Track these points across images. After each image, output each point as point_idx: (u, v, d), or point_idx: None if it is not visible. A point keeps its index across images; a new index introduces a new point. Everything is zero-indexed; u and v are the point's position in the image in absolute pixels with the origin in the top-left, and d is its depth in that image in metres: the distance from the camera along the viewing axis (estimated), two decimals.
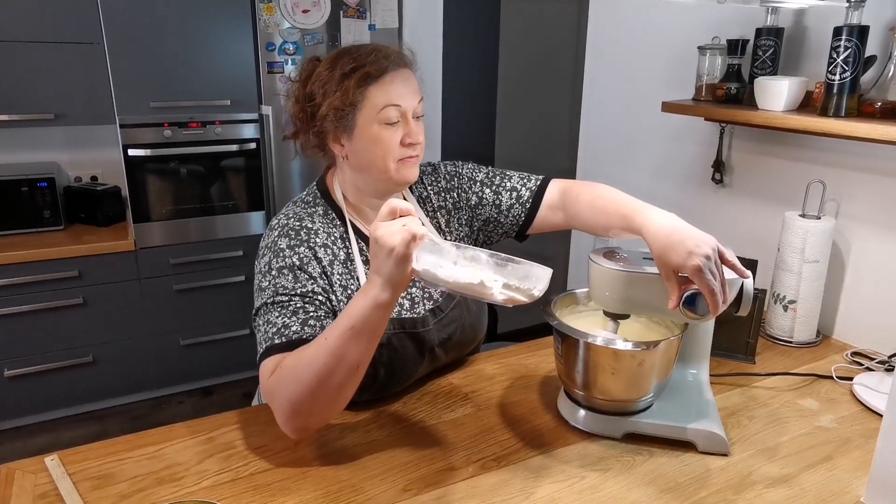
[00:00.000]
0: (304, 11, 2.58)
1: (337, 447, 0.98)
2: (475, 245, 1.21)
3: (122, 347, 2.54)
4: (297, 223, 1.05)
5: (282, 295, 0.97)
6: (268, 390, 0.91)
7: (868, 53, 1.24)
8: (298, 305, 0.97)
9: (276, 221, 1.07)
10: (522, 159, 3.26)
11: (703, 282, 0.91)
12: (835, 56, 1.22)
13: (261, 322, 0.98)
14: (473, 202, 1.21)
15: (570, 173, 2.18)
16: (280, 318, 0.96)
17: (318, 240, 1.04)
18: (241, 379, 2.84)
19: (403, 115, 1.01)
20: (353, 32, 2.71)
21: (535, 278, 0.85)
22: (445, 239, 1.20)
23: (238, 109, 2.57)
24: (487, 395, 1.15)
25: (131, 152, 2.42)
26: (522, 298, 0.84)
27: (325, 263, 1.03)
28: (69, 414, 2.56)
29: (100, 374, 2.52)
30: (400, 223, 0.80)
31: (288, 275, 0.99)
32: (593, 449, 1.00)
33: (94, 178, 2.71)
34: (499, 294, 0.83)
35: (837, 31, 1.21)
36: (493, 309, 1.31)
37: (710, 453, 0.99)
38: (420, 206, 1.18)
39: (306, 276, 1.00)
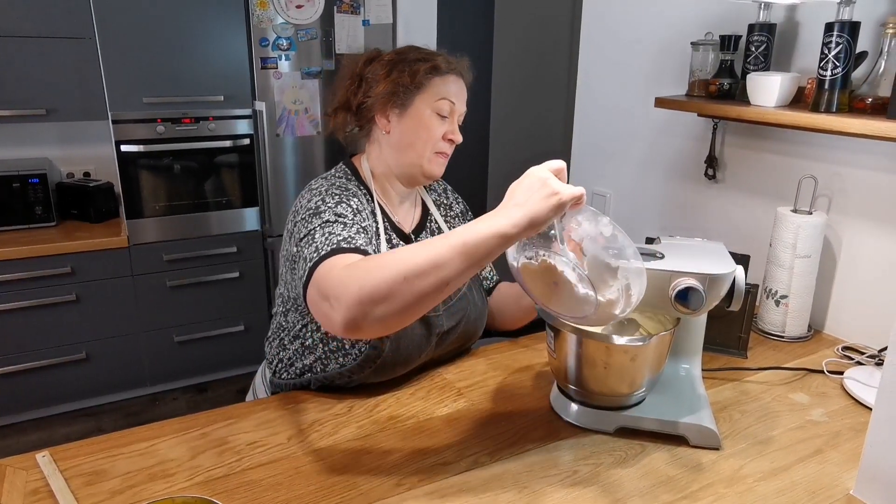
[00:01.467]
0: (298, 7, 2.57)
1: (330, 442, 0.98)
2: None
3: (116, 344, 2.53)
4: (342, 186, 1.10)
5: (343, 217, 1.01)
6: (337, 280, 0.85)
7: (859, 49, 1.24)
8: (360, 229, 1.01)
9: (317, 186, 1.10)
10: (516, 156, 3.26)
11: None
12: (826, 52, 1.22)
13: (318, 236, 0.96)
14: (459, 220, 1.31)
15: None
16: (345, 231, 0.98)
17: (362, 203, 1.10)
18: (235, 375, 2.84)
19: (452, 113, 1.11)
20: (347, 28, 2.70)
21: (636, 297, 0.85)
22: None
23: (231, 105, 2.56)
24: (481, 391, 1.15)
25: (124, 148, 2.41)
26: (614, 313, 0.85)
27: (367, 224, 1.08)
28: (63, 411, 2.55)
29: (93, 371, 2.52)
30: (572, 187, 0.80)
31: (347, 208, 1.04)
32: (586, 443, 1.00)
33: (86, 174, 2.70)
34: (612, 293, 0.83)
35: (829, 27, 1.22)
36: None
37: (701, 447, 0.99)
38: (437, 208, 1.26)
39: (361, 217, 1.06)
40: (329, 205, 1.03)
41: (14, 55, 2.25)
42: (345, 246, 0.94)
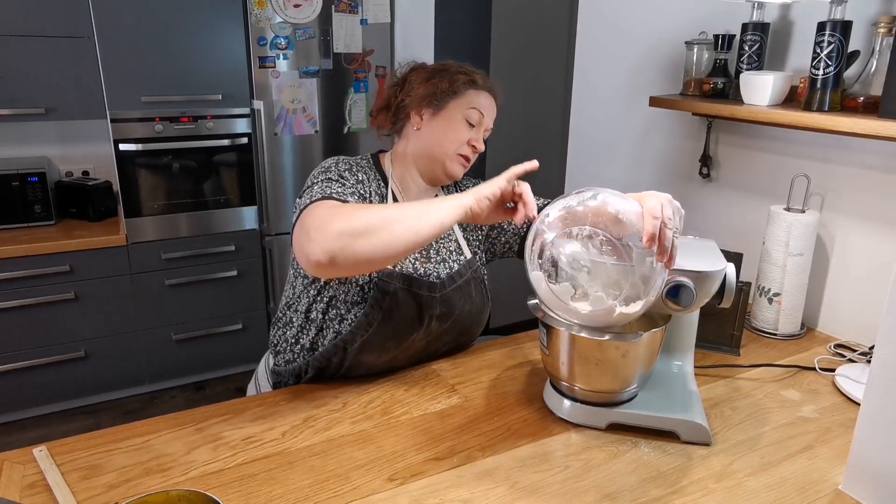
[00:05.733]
0: (296, 6, 2.58)
1: (324, 438, 0.99)
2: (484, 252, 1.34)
3: (115, 342, 2.54)
4: (354, 164, 1.21)
5: (344, 179, 1.13)
6: (323, 215, 0.96)
7: (851, 48, 1.25)
8: (357, 193, 1.13)
9: (332, 159, 1.20)
10: (513, 155, 3.27)
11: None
12: (818, 51, 1.23)
13: (315, 188, 1.09)
14: None
15: (560, 169, 2.18)
16: (340, 189, 1.10)
17: (369, 187, 1.19)
18: (233, 374, 2.85)
19: (480, 123, 1.21)
20: (345, 27, 2.71)
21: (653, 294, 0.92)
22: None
23: (229, 104, 2.57)
24: (474, 387, 1.16)
25: (122, 147, 2.42)
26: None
27: (368, 196, 1.18)
28: (62, 409, 2.56)
29: (92, 369, 2.53)
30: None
31: (352, 176, 1.16)
32: (578, 439, 1.01)
33: (85, 173, 2.71)
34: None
35: (821, 27, 1.23)
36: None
37: (692, 443, 1.00)
38: None
39: (362, 187, 1.17)
40: (340, 168, 1.16)
41: (13, 54, 2.25)
42: (336, 197, 1.06)
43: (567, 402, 1.06)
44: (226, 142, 2.59)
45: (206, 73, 2.49)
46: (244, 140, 2.63)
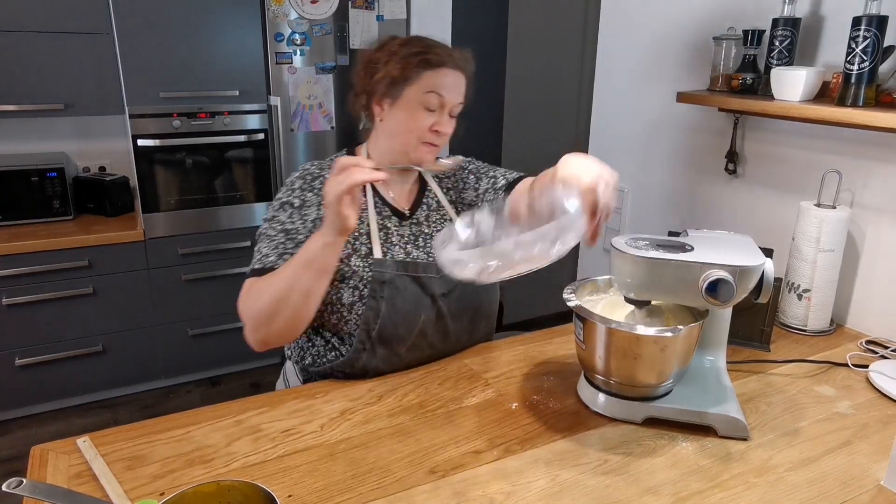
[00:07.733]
0: (313, 2, 2.58)
1: (362, 431, 0.99)
2: None
3: (132, 337, 2.55)
4: (318, 170, 1.20)
5: (273, 228, 1.14)
6: (242, 306, 1.05)
7: (886, 43, 1.24)
8: (280, 241, 1.12)
9: (305, 165, 1.23)
10: (530, 152, 3.26)
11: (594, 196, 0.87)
12: (853, 46, 1.23)
13: (261, 245, 1.14)
14: (460, 187, 1.32)
15: None
16: (265, 248, 1.12)
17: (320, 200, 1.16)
18: (248, 369, 2.86)
19: (442, 106, 1.14)
20: (361, 23, 2.70)
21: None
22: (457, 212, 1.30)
23: (246, 100, 2.57)
24: (507, 381, 1.16)
25: (140, 142, 2.42)
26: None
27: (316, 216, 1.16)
28: (79, 402, 2.57)
29: (109, 364, 2.53)
30: (343, 176, 0.91)
31: (287, 210, 1.15)
32: (614, 433, 1.01)
33: (102, 169, 2.71)
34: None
35: (856, 21, 1.22)
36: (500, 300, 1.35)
37: (730, 437, 1.00)
38: (437, 183, 1.30)
39: (298, 216, 1.14)
40: (276, 206, 1.17)
41: (32, 50, 2.26)
42: (256, 267, 1.09)
43: (602, 397, 1.06)
44: (242, 138, 2.59)
45: (223, 69, 2.49)
46: (260, 136, 2.63)
